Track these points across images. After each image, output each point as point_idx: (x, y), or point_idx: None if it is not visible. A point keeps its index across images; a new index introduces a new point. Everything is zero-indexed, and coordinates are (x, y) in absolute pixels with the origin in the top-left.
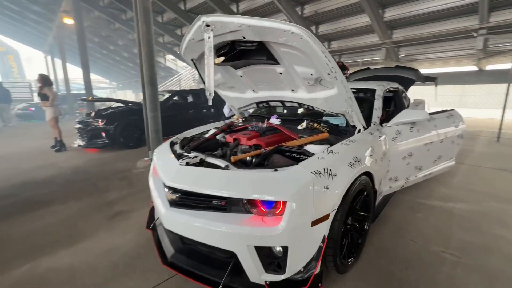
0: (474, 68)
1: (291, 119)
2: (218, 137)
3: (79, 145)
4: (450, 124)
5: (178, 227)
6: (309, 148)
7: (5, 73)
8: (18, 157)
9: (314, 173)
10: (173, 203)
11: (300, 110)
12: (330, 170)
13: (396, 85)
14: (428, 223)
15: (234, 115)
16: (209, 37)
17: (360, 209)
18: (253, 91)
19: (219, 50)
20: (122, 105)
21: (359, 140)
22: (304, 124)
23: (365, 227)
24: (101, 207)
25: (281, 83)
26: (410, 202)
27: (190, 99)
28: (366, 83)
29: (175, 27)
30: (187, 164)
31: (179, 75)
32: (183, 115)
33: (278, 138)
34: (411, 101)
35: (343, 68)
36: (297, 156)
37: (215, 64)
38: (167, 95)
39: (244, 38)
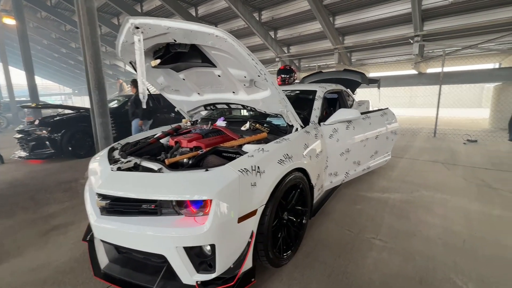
0: (414, 71)
1: (238, 120)
2: (163, 140)
3: (19, 157)
4: (383, 122)
5: (109, 235)
6: (246, 148)
7: None
8: None
9: (242, 171)
10: (104, 211)
11: (247, 112)
12: (258, 167)
13: (339, 87)
14: (365, 214)
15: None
16: (139, 40)
17: (296, 204)
18: (198, 94)
19: (156, 52)
20: (72, 112)
21: (293, 138)
22: (247, 125)
23: (303, 221)
24: (35, 222)
25: (222, 85)
26: (352, 195)
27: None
28: (309, 85)
29: (111, 15)
30: (119, 169)
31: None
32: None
33: (220, 140)
34: (355, 101)
35: (290, 71)
36: (233, 156)
37: (152, 66)
38: (123, 100)
39: (175, 41)
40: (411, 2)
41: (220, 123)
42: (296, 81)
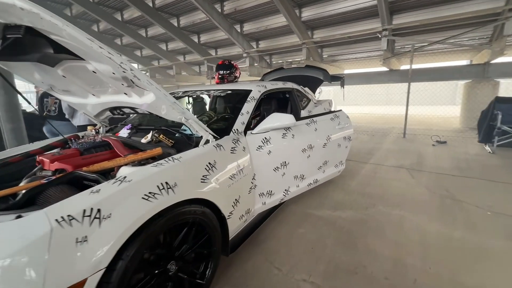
0: (386, 68)
1: (148, 129)
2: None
3: None
4: (334, 127)
5: None
6: (122, 171)
7: None
8: None
9: (62, 220)
10: None
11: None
12: (99, 210)
13: (288, 85)
14: (306, 241)
15: (89, 124)
16: None
17: (193, 246)
18: (93, 95)
19: None
20: None
21: (187, 157)
22: (149, 136)
23: (209, 265)
24: None
25: (106, 84)
26: (299, 214)
27: None
28: (244, 84)
29: (90, 22)
30: None
31: None
32: None
33: (103, 157)
34: (312, 101)
35: (230, 67)
36: (93, 184)
37: None
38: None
39: None
40: None
41: (124, 132)
42: (237, 79)
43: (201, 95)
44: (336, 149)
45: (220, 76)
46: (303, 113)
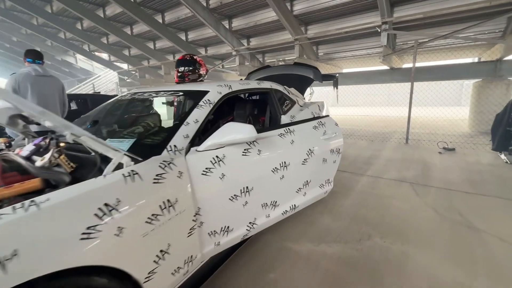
0: (386, 67)
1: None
2: None
3: None
4: (317, 137)
5: None
6: None
7: None
8: None
9: None
10: None
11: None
12: None
13: (265, 85)
14: None
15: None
16: None
17: None
18: None
19: None
20: None
21: (66, 197)
22: (47, 157)
23: None
24: None
25: None
26: (273, 249)
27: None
28: (201, 85)
29: (74, 20)
30: None
31: (97, 77)
32: None
33: None
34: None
35: (193, 62)
36: None
37: None
38: None
39: None
40: None
41: (27, 148)
42: (202, 78)
43: (150, 98)
44: (321, 166)
45: (179, 74)
46: (284, 119)
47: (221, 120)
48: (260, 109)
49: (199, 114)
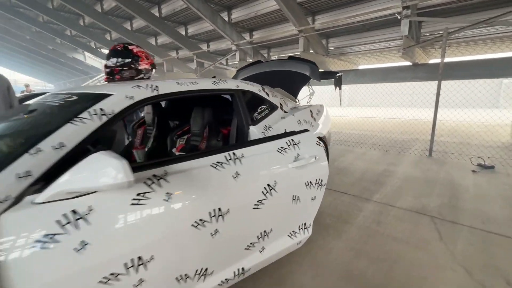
0: (408, 63)
1: None
2: None
3: None
4: (286, 164)
5: None
6: None
7: None
8: None
9: None
10: None
11: None
12: None
13: (229, 85)
14: None
15: None
16: None
17: None
18: None
19: None
20: None
21: None
22: None
23: None
24: None
25: None
26: None
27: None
28: (109, 86)
29: (76, 16)
30: None
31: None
32: None
33: None
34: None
35: (127, 54)
36: None
37: None
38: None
39: None
40: None
41: None
42: (144, 75)
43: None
44: (290, 207)
45: (108, 71)
46: (254, 131)
47: (177, 131)
48: (228, 117)
49: (70, 133)
